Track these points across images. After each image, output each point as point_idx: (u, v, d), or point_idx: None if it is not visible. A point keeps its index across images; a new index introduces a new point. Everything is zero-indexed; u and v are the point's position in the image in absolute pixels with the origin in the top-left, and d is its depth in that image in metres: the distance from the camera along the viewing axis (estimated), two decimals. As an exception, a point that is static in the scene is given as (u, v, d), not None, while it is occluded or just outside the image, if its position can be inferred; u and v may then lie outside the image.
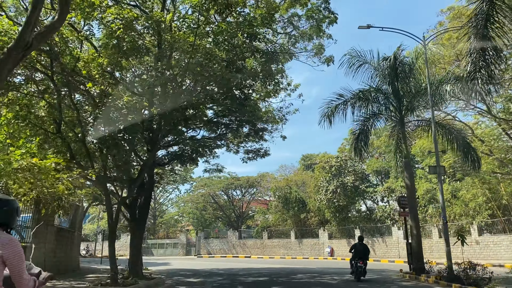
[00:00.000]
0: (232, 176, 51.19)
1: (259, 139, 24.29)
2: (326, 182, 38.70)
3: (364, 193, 37.29)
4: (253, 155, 25.17)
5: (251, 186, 51.49)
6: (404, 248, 34.28)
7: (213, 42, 13.69)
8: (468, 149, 15.91)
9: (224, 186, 50.00)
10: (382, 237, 35.30)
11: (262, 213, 47.78)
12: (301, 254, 41.06)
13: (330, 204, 38.08)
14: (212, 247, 47.15)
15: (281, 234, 43.58)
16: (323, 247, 39.94)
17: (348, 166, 38.18)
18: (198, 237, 47.75)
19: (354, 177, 37.22)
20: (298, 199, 42.26)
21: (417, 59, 16.35)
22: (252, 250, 44.61)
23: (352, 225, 37.91)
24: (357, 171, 38.00)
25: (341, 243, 38.42)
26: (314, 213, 41.71)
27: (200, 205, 52.10)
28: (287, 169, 51.98)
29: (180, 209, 55.51)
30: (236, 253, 45.39)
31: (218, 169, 25.80)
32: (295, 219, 42.81)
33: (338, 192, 36.94)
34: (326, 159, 39.61)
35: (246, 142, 25.20)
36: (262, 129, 23.07)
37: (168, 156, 22.50)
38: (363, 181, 38.28)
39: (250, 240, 45.48)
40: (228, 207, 54.25)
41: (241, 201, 54.03)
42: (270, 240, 43.83)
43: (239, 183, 50.15)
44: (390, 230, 34.57)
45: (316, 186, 41.45)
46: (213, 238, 47.80)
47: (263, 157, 24.95)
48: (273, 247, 43.36)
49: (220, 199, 55.18)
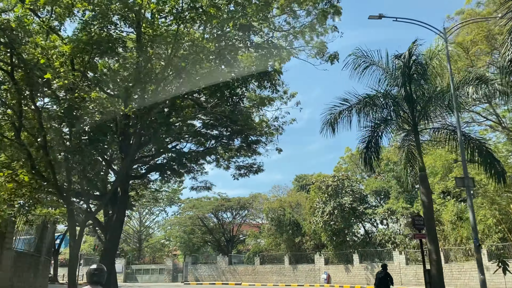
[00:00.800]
0: (223, 197, 48.59)
1: (252, 153, 22.12)
2: (322, 203, 36.39)
3: (362, 215, 34.98)
4: (245, 171, 22.93)
5: (242, 207, 48.88)
6: (407, 274, 31.95)
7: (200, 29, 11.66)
8: (492, 160, 13.88)
9: (213, 207, 47.33)
10: (382, 262, 32.76)
11: (254, 237, 45.09)
12: (295, 281, 38.32)
13: (327, 227, 35.66)
14: (200, 273, 44.15)
15: (274, 259, 40.87)
16: (319, 273, 37.29)
17: (346, 186, 35.97)
18: (186, 262, 44.79)
19: (352, 197, 34.97)
20: (293, 221, 39.79)
21: (431, 59, 14.48)
22: (243, 277, 41.73)
23: (350, 249, 35.42)
24: (355, 191, 35.80)
25: (338, 269, 35.83)
26: (309, 236, 39.18)
27: (188, 228, 49.21)
28: (280, 190, 49.67)
29: (166, 232, 52.47)
30: (226, 280, 42.44)
31: (206, 186, 23.42)
32: (289, 243, 40.20)
33: (336, 213, 34.61)
34: (322, 179, 37.40)
35: (237, 157, 22.99)
36: (255, 141, 20.94)
37: (146, 168, 20.09)
38: (361, 202, 36.03)
39: (241, 266, 42.64)
40: (218, 230, 51.39)
41: (231, 224, 51.26)
42: (263, 265, 41.06)
43: (229, 204, 47.54)
44: (391, 254, 32.17)
45: (312, 208, 39.07)
46: (201, 263, 44.84)
47: (256, 173, 22.72)
48: (265, 274, 40.56)
49: (210, 221, 52.35)
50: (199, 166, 23.10)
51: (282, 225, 39.84)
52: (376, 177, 35.91)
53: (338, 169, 38.44)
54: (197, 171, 23.05)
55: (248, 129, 20.42)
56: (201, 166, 23.20)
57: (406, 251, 31.16)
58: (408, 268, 30.75)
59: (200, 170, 23.15)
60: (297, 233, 39.61)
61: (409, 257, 31.13)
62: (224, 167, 23.45)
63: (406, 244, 31.72)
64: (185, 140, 21.52)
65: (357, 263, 34.39)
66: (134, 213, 55.89)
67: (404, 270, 30.98)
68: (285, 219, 39.78)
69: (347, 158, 39.45)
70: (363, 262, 34.29)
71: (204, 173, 23.43)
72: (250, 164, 22.58)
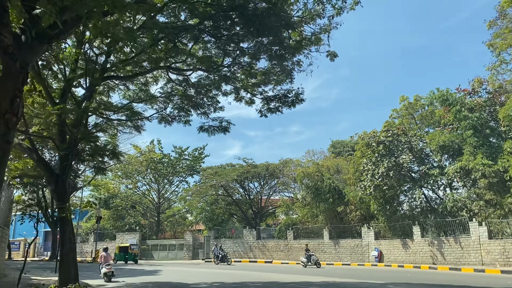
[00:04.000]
0: (248, 163, 41.95)
1: (287, 75, 15.02)
2: (372, 164, 29.13)
3: (425, 177, 27.52)
4: (277, 103, 15.91)
5: (271, 175, 42.10)
6: (491, 251, 24.50)
7: None
8: None
9: (238, 175, 40.71)
10: (454, 236, 25.49)
11: (285, 208, 38.33)
12: (338, 258, 31.57)
13: (378, 193, 28.49)
14: (225, 249, 37.99)
15: (311, 233, 34.15)
16: (367, 249, 30.36)
17: (403, 142, 28.48)
18: (207, 236, 38.70)
19: (411, 156, 27.52)
20: (333, 188, 32.77)
21: None
22: (274, 254, 35.33)
23: (408, 220, 28.20)
24: (415, 148, 28.28)
25: (392, 245, 28.79)
26: (354, 206, 32.14)
27: (210, 198, 42.98)
28: (315, 155, 42.52)
29: (186, 203, 46.49)
30: (254, 257, 36.16)
31: (222, 126, 16.51)
32: (329, 214, 33.30)
33: (391, 176, 27.31)
34: (372, 134, 29.99)
35: (265, 84, 15.94)
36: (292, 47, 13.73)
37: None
38: (422, 161, 28.54)
39: (271, 241, 36.20)
40: (244, 201, 44.99)
41: (259, 194, 44.70)
42: (297, 240, 34.43)
43: (256, 171, 40.81)
44: (466, 226, 24.78)
45: (357, 172, 31.89)
46: (226, 238, 38.62)
47: (293, 105, 15.67)
48: (300, 250, 33.90)
49: (235, 192, 46.02)
50: (210, 99, 16.25)
51: (320, 193, 32.91)
52: (445, 129, 28.17)
53: (390, 124, 30.88)
54: (208, 106, 16.21)
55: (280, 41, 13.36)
56: (213, 100, 16.33)
57: (489, 222, 23.69)
58: (492, 243, 23.35)
59: (213, 104, 16.29)
60: (339, 202, 32.64)
61: (493, 229, 23.68)
62: (247, 100, 16.54)
63: (488, 212, 24.23)
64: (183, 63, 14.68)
65: (418, 237, 27.22)
66: (153, 183, 50.28)
67: (487, 246, 23.58)
68: (324, 186, 32.83)
69: (403, 108, 31.77)
70: (426, 236, 27.08)
71: (218, 108, 16.57)
72: (284, 92, 15.53)
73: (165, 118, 16.60)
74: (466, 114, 26.04)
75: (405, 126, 30.17)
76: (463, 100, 27.11)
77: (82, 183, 31.79)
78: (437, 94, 27.48)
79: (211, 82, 15.75)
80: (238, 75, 15.78)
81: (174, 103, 16.33)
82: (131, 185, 50.00)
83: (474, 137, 25.58)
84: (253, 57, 14.72)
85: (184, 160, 49.97)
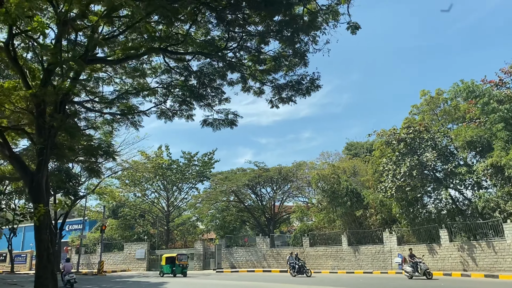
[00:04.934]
0: (260, 166, 40.07)
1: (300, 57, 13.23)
2: (392, 164, 27.07)
3: (451, 176, 25.36)
4: (289, 92, 14.09)
5: (284, 179, 40.13)
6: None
7: None
8: None
9: (249, 179, 38.82)
10: (486, 240, 23.25)
11: (300, 213, 36.26)
12: (358, 266, 29.41)
13: (401, 195, 26.39)
14: (237, 258, 36.09)
15: (328, 239, 32.05)
16: (390, 256, 28.19)
17: (426, 139, 26.38)
18: (218, 245, 36.80)
19: (436, 153, 25.41)
20: (351, 191, 30.69)
21: None
22: (289, 262, 33.21)
23: (434, 223, 26.01)
24: (439, 145, 26.17)
25: (418, 250, 26.51)
26: (374, 209, 30.03)
27: (220, 205, 41.13)
28: (330, 157, 40.45)
29: (197, 210, 44.65)
30: (268, 265, 34.16)
31: (228, 120, 14.73)
32: (347, 218, 31.22)
33: (414, 175, 25.20)
34: (391, 132, 27.94)
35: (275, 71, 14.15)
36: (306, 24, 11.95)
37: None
38: (447, 159, 26.39)
39: (286, 249, 34.11)
40: (257, 207, 43.03)
41: (272, 200, 42.71)
42: (313, 248, 32.36)
43: (268, 175, 38.86)
44: (500, 228, 22.55)
45: (376, 172, 29.84)
46: (238, 247, 36.66)
47: (308, 93, 13.81)
48: (317, 258, 31.89)
49: (246, 197, 44.12)
50: (214, 90, 14.51)
51: (336, 196, 30.88)
52: (471, 123, 26.00)
53: (410, 121, 28.78)
54: (212, 97, 14.46)
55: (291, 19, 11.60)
56: (218, 90, 14.58)
57: (527, 223, 21.46)
58: (532, 247, 21.08)
59: (217, 95, 14.54)
60: (357, 206, 30.54)
61: (533, 232, 21.44)
62: (255, 90, 14.76)
63: (526, 213, 22.00)
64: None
65: (446, 241, 25.02)
66: (162, 191, 48.69)
67: (526, 250, 21.32)
68: (341, 189, 30.79)
69: (424, 103, 29.61)
70: (455, 240, 24.84)
71: (223, 100, 14.80)
72: (297, 79, 13.71)
73: (165, 113, 14.91)
74: (495, 106, 23.91)
75: (427, 122, 28.03)
76: (491, 91, 24.96)
77: (86, 191, 30.22)
78: (462, 87, 25.40)
79: (215, 70, 14.02)
80: (245, 61, 14.03)
81: (174, 96, 14.63)
82: (140, 193, 48.49)
83: (505, 131, 23.41)
84: (261, 40, 12.97)
85: (193, 166, 48.35)
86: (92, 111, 13.01)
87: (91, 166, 13.52)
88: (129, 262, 40.67)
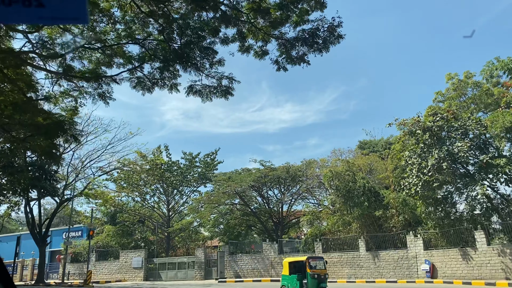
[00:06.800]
0: (266, 166, 36.73)
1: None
2: (417, 157, 23.66)
3: (488, 169, 21.87)
4: (300, 48, 10.84)
5: (292, 179, 36.76)
6: None
7: None
8: None
9: (254, 179, 35.46)
10: (533, 242, 19.72)
11: (311, 215, 32.76)
12: (378, 274, 25.91)
13: (427, 193, 22.95)
14: (241, 266, 32.65)
15: (344, 244, 28.56)
16: (415, 262, 24.69)
17: (456, 128, 22.97)
18: (221, 252, 33.40)
19: (469, 142, 21.97)
20: (368, 189, 27.26)
21: None
22: (300, 270, 29.71)
23: (468, 224, 22.52)
24: (471, 133, 22.73)
25: (448, 256, 23.09)
26: (396, 209, 26.55)
27: (223, 208, 37.78)
28: (343, 155, 36.91)
29: (198, 214, 41.26)
30: (276, 274, 30.64)
31: (222, 87, 11.45)
32: (365, 221, 27.76)
33: (444, 168, 21.74)
34: (414, 121, 24.53)
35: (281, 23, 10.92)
36: None
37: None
38: (481, 150, 22.92)
39: (296, 256, 30.59)
40: (263, 211, 39.64)
41: (279, 202, 39.34)
42: (327, 254, 28.83)
43: (275, 174, 35.48)
44: (550, 229, 19.00)
45: (398, 168, 26.45)
46: (243, 254, 33.24)
47: (325, 48, 10.58)
48: (332, 265, 28.36)
49: (252, 201, 40.79)
50: (204, 50, 11.28)
51: (352, 196, 27.43)
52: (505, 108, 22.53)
53: (434, 109, 25.37)
54: (202, 58, 11.22)
55: None
56: (209, 51, 11.35)
57: None
58: None
59: (208, 56, 11.30)
60: (376, 206, 27.09)
61: None
62: (256, 51, 11.52)
63: None
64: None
65: (483, 245, 21.47)
66: (162, 195, 45.48)
67: None
68: (357, 187, 27.36)
69: (451, 88, 26.08)
70: (493, 244, 21.32)
71: (216, 63, 11.56)
72: (311, 29, 10.44)
73: (142, 82, 11.70)
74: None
75: (455, 110, 24.61)
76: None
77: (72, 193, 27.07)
78: (498, 64, 21.97)
79: (204, 23, 10.82)
80: (243, 11, 10.82)
81: (152, 57, 11.39)
82: (139, 198, 45.30)
83: (553, 113, 19.97)
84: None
85: (195, 167, 45.16)
86: (37, 68, 9.90)
87: (49, 149, 10.39)
88: (125, 271, 37.38)
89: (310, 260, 17.89)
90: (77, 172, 29.34)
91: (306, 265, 17.51)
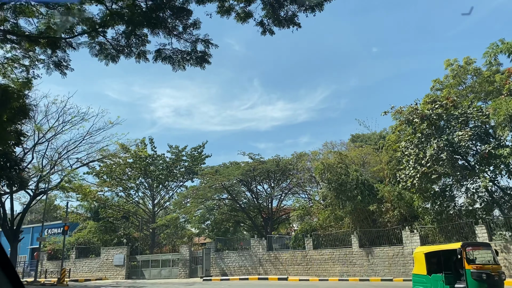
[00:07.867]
0: (255, 159, 35.13)
1: None
2: (414, 147, 22.22)
3: (490, 159, 20.48)
4: (290, 5, 9.21)
5: (282, 173, 35.22)
6: None
7: None
8: None
9: (243, 173, 33.83)
10: (539, 238, 18.38)
11: (302, 210, 31.23)
12: (372, 272, 24.46)
13: (425, 185, 21.53)
14: (228, 264, 31.03)
15: (335, 240, 27.06)
16: (411, 259, 23.16)
17: (456, 116, 21.56)
18: (207, 249, 31.75)
19: (470, 131, 20.57)
20: (361, 182, 25.77)
21: None
22: (290, 268, 28.25)
23: (467, 218, 21.15)
24: (472, 121, 21.33)
25: (447, 253, 21.57)
26: (391, 203, 25.07)
27: (210, 203, 36.09)
28: (335, 147, 35.43)
29: (183, 209, 39.49)
30: (265, 272, 29.12)
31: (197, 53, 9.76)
32: (358, 215, 26.27)
33: (444, 159, 20.31)
34: (410, 109, 23.06)
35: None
36: None
37: None
38: (482, 140, 21.53)
39: (285, 252, 29.12)
40: (252, 206, 38.04)
41: (269, 197, 37.79)
42: (318, 251, 27.36)
43: (264, 167, 33.89)
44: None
45: (394, 159, 25.01)
46: (230, 251, 31.60)
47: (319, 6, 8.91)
48: (322, 262, 26.90)
49: (241, 196, 39.13)
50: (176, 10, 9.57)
51: (345, 189, 25.91)
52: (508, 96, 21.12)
53: (432, 97, 23.95)
54: (173, 20, 9.53)
55: None
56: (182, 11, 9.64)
57: None
58: None
59: (180, 17, 9.60)
60: (369, 200, 25.58)
61: None
62: (238, 12, 9.86)
63: None
64: None
65: (484, 241, 20.03)
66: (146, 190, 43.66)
67: None
68: (350, 180, 25.84)
69: (450, 75, 24.64)
70: (495, 239, 19.98)
71: (191, 25, 9.87)
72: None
73: (105, 49, 9.99)
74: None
75: (454, 98, 23.18)
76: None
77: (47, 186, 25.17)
78: (503, 46, 20.57)
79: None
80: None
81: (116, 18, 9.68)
82: (123, 193, 43.42)
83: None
84: None
85: (181, 161, 43.41)
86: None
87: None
88: (106, 269, 35.55)
89: (469, 248, 11.32)
90: (52, 163, 27.47)
91: (462, 257, 10.98)
